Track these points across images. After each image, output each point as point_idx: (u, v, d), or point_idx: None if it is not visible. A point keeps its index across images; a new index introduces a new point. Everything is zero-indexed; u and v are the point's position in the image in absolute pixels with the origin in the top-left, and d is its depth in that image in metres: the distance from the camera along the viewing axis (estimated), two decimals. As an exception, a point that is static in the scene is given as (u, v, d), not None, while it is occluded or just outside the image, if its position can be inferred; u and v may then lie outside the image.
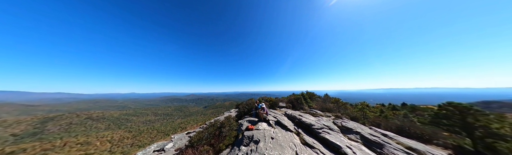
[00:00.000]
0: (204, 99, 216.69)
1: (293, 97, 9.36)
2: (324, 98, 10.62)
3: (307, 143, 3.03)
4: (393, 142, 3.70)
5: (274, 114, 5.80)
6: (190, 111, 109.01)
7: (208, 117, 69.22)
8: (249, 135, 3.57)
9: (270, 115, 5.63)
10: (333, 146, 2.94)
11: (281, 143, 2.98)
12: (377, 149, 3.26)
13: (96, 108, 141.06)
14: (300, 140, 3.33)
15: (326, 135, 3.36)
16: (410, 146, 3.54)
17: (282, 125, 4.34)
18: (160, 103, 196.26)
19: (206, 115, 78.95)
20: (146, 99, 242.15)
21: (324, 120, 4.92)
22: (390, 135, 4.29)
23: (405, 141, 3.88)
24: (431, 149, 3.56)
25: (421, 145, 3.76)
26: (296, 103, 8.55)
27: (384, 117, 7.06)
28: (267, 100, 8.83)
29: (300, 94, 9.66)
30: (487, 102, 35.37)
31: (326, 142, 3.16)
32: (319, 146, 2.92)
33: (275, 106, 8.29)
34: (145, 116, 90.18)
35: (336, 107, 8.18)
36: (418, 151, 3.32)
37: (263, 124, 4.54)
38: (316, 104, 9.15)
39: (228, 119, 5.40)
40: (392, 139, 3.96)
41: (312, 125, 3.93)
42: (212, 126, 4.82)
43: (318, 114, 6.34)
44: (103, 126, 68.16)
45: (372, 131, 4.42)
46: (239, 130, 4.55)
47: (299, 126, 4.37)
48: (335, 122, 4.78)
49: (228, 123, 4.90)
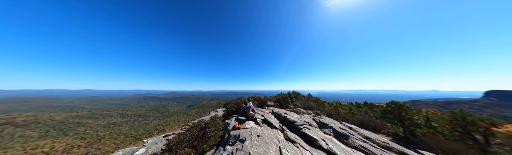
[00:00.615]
0: (188, 98, 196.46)
1: (281, 96, 9.94)
2: (307, 97, 11.80)
3: (289, 138, 3.33)
4: (355, 133, 4.59)
5: (262, 113, 6.00)
6: (170, 111, 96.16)
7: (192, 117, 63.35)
8: (236, 134, 3.56)
9: (258, 113, 5.78)
10: (311, 139, 3.36)
11: (267, 140, 3.14)
12: (344, 140, 3.96)
13: (24, 109, 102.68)
14: (284, 136, 3.60)
15: (306, 130, 3.78)
16: (366, 136, 4.49)
17: (268, 122, 4.56)
18: (130, 102, 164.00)
19: (190, 115, 72.05)
20: (109, 97, 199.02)
21: (305, 117, 5.50)
22: (354, 127, 5.27)
23: (363, 132, 4.86)
24: (379, 137, 4.67)
25: (374, 135, 4.84)
26: (283, 101, 9.14)
27: (351, 113, 8.60)
28: (256, 99, 8.98)
29: (287, 94, 10.38)
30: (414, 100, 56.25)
31: (305, 136, 3.57)
32: (299, 141, 3.27)
33: (264, 104, 8.56)
34: (108, 119, 72.69)
35: (316, 105, 9.26)
36: (371, 139, 4.27)
37: (251, 123, 4.62)
38: (300, 102, 10.06)
39: (214, 118, 5.18)
40: (355, 131, 4.88)
41: (295, 121, 4.32)
42: (196, 127, 4.50)
43: (301, 112, 7.01)
44: (37, 134, 49.84)
45: (342, 125, 5.28)
46: (226, 129, 4.46)
47: (284, 123, 4.71)
48: (314, 119, 5.43)
49: (213, 123, 4.69)
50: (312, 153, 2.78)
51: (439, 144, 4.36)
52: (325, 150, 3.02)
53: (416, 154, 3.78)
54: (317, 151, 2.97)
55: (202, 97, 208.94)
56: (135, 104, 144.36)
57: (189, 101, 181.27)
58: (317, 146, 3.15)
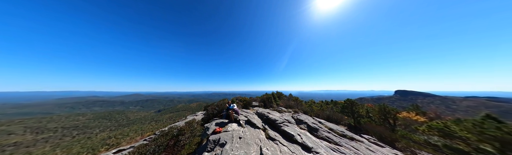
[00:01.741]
0: (158, 101, 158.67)
1: (265, 96, 10.32)
2: (288, 97, 12.97)
3: (270, 137, 3.46)
4: (323, 126, 5.49)
5: (246, 114, 5.91)
6: (130, 118, 73.56)
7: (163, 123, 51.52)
8: (215, 138, 3.25)
9: (242, 115, 5.64)
10: (289, 135, 3.67)
11: (248, 141, 3.09)
12: (315, 133, 4.63)
13: None
14: (265, 135, 3.70)
15: (285, 128, 4.09)
16: (330, 127, 5.50)
17: (251, 123, 4.54)
18: (56, 109, 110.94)
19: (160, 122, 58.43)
20: (14, 104, 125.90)
21: (286, 115, 5.97)
22: (323, 121, 6.31)
23: (328, 125, 5.91)
24: (339, 127, 5.86)
25: (335, 126, 6.01)
26: (267, 101, 9.51)
27: (321, 109, 10.31)
28: (241, 100, 8.77)
29: (271, 94, 10.94)
30: (361, 98, 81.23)
31: (284, 133, 3.85)
32: (279, 138, 3.48)
33: (249, 105, 8.50)
34: (4, 137, 43.77)
35: (295, 104, 10.34)
36: (334, 130, 5.27)
37: (233, 125, 4.41)
38: (283, 102, 10.88)
39: (191, 123, 4.50)
40: (323, 124, 5.83)
41: (276, 120, 4.57)
42: (165, 135, 3.70)
43: (282, 111, 7.55)
44: None
45: (314, 120, 6.17)
46: (204, 134, 3.98)
47: (266, 122, 4.86)
48: (293, 116, 6.02)
49: (189, 128, 4.05)
50: (289, 148, 3.02)
51: (372, 128, 6.09)
52: (299, 143, 3.38)
53: (360, 137, 5.08)
54: (293, 145, 3.27)
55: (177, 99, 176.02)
56: (68, 112, 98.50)
57: (160, 104, 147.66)
58: (293, 141, 3.47)
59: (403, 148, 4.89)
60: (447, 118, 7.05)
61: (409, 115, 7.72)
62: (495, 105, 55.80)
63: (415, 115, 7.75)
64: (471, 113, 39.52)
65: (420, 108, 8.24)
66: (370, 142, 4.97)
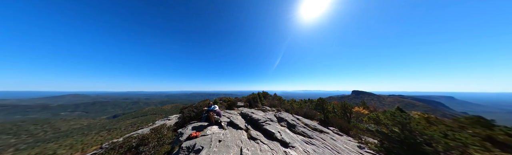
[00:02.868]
0: (113, 103, 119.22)
1: (251, 96, 10.42)
2: (273, 96, 13.73)
3: (252, 136, 3.52)
4: (300, 122, 6.21)
5: (229, 115, 5.72)
6: (61, 128, 51.59)
7: (121, 132, 38.94)
8: (190, 144, 2.92)
9: (225, 116, 5.40)
10: (270, 133, 3.88)
11: (229, 144, 3.00)
12: (293, 129, 5.16)
13: None
14: (247, 135, 3.72)
15: (266, 126, 4.30)
16: (306, 123, 6.30)
17: (234, 124, 4.44)
18: None
19: (116, 131, 44.24)
20: None
21: (269, 114, 6.28)
22: (300, 118, 7.12)
23: (305, 121, 6.75)
24: (313, 122, 6.82)
25: (310, 121, 6.95)
26: (253, 101, 9.64)
27: (300, 107, 11.62)
28: (225, 100, 8.38)
29: (257, 94, 11.20)
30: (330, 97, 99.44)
31: (266, 131, 4.04)
32: (260, 137, 3.61)
33: (234, 106, 8.27)
34: None
35: (279, 103, 11.09)
36: (308, 125, 6.07)
37: (214, 128, 4.13)
38: (268, 101, 11.37)
39: (158, 130, 3.80)
40: (300, 120, 6.59)
41: (259, 119, 4.72)
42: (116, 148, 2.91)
43: (267, 110, 7.89)
44: None
45: (293, 117, 6.86)
46: (177, 141, 3.48)
47: (249, 122, 4.91)
48: (275, 114, 6.43)
49: (155, 136, 3.41)
50: (269, 145, 3.20)
51: (336, 121, 7.52)
52: (279, 140, 3.65)
53: (327, 129, 6.15)
54: (273, 142, 3.49)
55: (144, 101, 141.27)
56: None
57: (116, 107, 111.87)
58: (273, 138, 3.71)
59: (354, 135, 6.39)
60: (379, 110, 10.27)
61: (359, 109, 10.49)
62: (402, 100, 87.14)
63: (362, 109, 10.68)
64: (391, 106, 58.23)
65: (366, 104, 11.59)
66: (334, 133, 6.11)
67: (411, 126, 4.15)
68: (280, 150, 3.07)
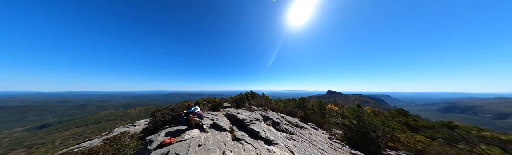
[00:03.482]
0: (42, 108, 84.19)
1: (239, 96, 10.26)
2: (261, 96, 14.08)
3: (236, 137, 3.48)
4: (284, 120, 6.69)
5: (213, 116, 5.39)
6: None
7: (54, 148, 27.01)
8: (161, 153, 2.54)
9: (208, 118, 5.05)
10: (255, 133, 3.97)
11: (210, 147, 2.82)
12: (277, 126, 5.48)
13: None
14: (231, 136, 3.64)
15: (252, 126, 4.36)
16: (289, 120, 6.85)
17: (218, 126, 4.23)
18: None
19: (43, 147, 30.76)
20: None
21: (255, 114, 6.40)
22: (284, 116, 7.66)
23: (288, 118, 7.32)
24: (294, 119, 7.50)
25: (293, 119, 7.60)
26: (240, 101, 9.51)
27: (285, 106, 12.52)
28: (209, 101, 7.82)
29: (245, 94, 11.17)
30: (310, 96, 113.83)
31: (251, 131, 4.10)
32: (245, 137, 3.62)
33: (219, 106, 7.85)
34: None
35: (266, 103, 11.48)
36: (291, 122, 6.62)
37: (194, 131, 3.78)
38: (256, 101, 11.53)
39: (116, 140, 3.07)
40: (284, 118, 7.10)
41: (244, 119, 4.73)
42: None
43: (254, 110, 7.99)
44: None
45: (278, 115, 7.29)
46: (143, 152, 2.93)
47: (235, 123, 4.82)
48: (261, 114, 6.63)
49: (110, 148, 2.73)
50: (253, 145, 3.26)
51: (314, 117, 8.61)
52: (263, 138, 3.79)
53: (306, 125, 6.93)
54: (257, 141, 3.59)
55: (99, 104, 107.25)
56: None
57: (49, 114, 79.72)
58: (258, 137, 3.81)
59: (326, 128, 7.54)
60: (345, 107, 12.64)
61: (331, 107, 12.50)
62: (360, 98, 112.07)
63: (334, 106, 12.81)
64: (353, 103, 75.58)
65: (336, 101, 14.08)
66: (311, 128, 6.95)
67: (363, 118, 5.38)
68: (263, 148, 3.20)
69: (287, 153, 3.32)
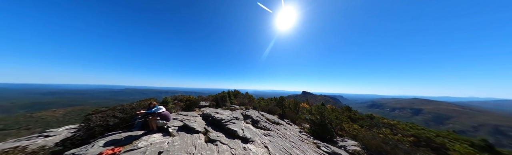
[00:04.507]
0: None
1: (220, 95, 9.61)
2: (245, 95, 13.99)
3: (211, 139, 3.19)
4: (264, 117, 7.00)
5: (184, 117, 4.67)
6: None
7: None
8: None
9: (177, 119, 4.30)
10: (232, 132, 3.84)
11: (176, 153, 2.39)
12: (256, 124, 5.63)
13: None
14: (205, 138, 3.30)
15: (230, 125, 4.20)
16: (268, 118, 7.26)
17: (188, 128, 3.70)
18: None
19: None
20: None
21: (236, 113, 6.23)
22: (264, 114, 8.04)
23: (268, 116, 7.75)
24: (273, 117, 8.06)
25: (272, 116, 8.14)
26: (221, 100, 8.93)
27: (267, 105, 13.22)
28: (182, 99, 6.70)
29: (227, 92, 10.65)
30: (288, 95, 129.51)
31: (229, 131, 3.93)
32: (221, 137, 3.41)
33: (194, 106, 6.92)
34: None
35: (249, 101, 11.54)
36: (270, 119, 7.05)
37: (153, 137, 3.07)
38: (238, 100, 11.28)
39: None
40: (264, 116, 7.44)
41: (222, 119, 4.46)
42: None
43: (235, 108, 7.77)
44: None
45: (259, 114, 7.53)
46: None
47: (211, 123, 4.44)
48: (242, 113, 6.57)
49: None
50: (229, 145, 3.13)
51: (289, 114, 9.68)
52: (241, 137, 3.74)
53: (283, 121, 7.65)
54: (234, 140, 3.49)
55: None
56: None
57: None
58: (235, 136, 3.72)
59: (298, 123, 8.73)
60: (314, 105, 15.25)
61: (304, 105, 14.68)
62: (325, 98, 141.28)
63: (306, 104, 15.13)
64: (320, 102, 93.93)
65: (308, 100, 16.70)
66: (287, 123, 7.76)
67: (324, 114, 6.73)
68: (239, 147, 3.15)
69: (263, 149, 3.47)
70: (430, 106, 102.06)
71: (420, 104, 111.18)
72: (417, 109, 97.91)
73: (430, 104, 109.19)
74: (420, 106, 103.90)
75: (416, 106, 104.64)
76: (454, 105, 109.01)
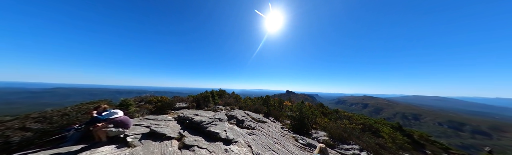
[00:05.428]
0: None
1: (201, 95, 8.72)
2: (231, 95, 13.43)
3: (186, 145, 2.78)
4: (249, 117, 6.98)
5: (152, 122, 3.87)
6: None
7: None
8: None
9: (141, 125, 3.48)
10: (213, 134, 3.55)
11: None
12: (241, 124, 5.51)
13: None
14: (179, 145, 2.84)
15: (211, 128, 3.87)
16: (253, 117, 7.31)
17: (157, 135, 3.07)
18: None
19: None
20: None
21: (219, 114, 5.84)
22: (250, 113, 8.03)
23: (253, 115, 7.80)
24: (258, 115, 8.19)
25: (258, 115, 8.25)
26: (203, 101, 8.10)
27: (254, 104, 13.33)
28: (151, 101, 5.50)
29: (210, 92, 9.83)
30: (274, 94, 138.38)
31: (209, 134, 3.60)
32: (199, 142, 3.05)
33: (168, 108, 5.86)
34: None
35: (235, 101, 11.16)
36: (255, 118, 7.11)
37: (99, 151, 2.30)
38: (223, 100, 10.65)
39: None
40: (249, 115, 7.42)
41: (202, 121, 4.04)
42: None
43: (219, 109, 7.26)
44: None
45: (244, 113, 7.43)
46: None
47: (188, 127, 3.91)
48: (227, 113, 6.25)
49: None
50: (208, 149, 2.85)
51: (274, 112, 10.20)
52: (223, 139, 3.52)
53: (267, 119, 7.95)
54: (215, 143, 3.23)
55: None
56: None
57: None
58: (217, 139, 3.45)
59: (281, 120, 9.35)
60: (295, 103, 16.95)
61: (287, 103, 15.96)
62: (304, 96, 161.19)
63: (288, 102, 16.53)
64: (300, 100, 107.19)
65: (291, 99, 18.32)
66: (271, 121, 8.11)
67: (303, 110, 7.58)
68: (220, 150, 2.95)
69: (246, 148, 3.42)
70: (372, 101, 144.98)
71: (367, 100, 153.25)
72: (365, 104, 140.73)
73: (372, 99, 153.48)
74: (367, 101, 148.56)
75: (364, 102, 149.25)
76: (385, 100, 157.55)
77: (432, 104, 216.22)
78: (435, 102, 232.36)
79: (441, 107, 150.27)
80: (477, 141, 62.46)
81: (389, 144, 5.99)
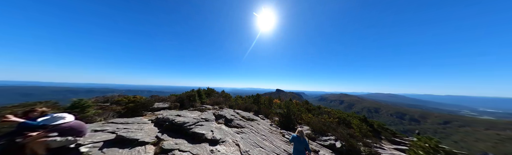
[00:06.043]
0: None
1: (186, 94, 7.96)
2: (220, 93, 12.86)
3: (164, 149, 2.46)
4: (238, 116, 6.88)
5: (120, 126, 3.25)
6: None
7: None
8: None
9: (104, 131, 2.85)
10: (198, 136, 3.30)
11: None
12: (229, 123, 5.36)
13: None
14: (155, 150, 2.49)
15: (196, 129, 3.58)
16: (243, 115, 7.26)
17: (125, 141, 2.59)
18: None
19: None
20: None
21: (206, 113, 5.49)
22: (239, 112, 7.93)
23: (243, 114, 7.73)
24: (248, 114, 8.21)
25: (248, 113, 8.23)
26: (187, 100, 7.41)
27: (244, 103, 13.24)
28: (120, 101, 4.58)
29: (196, 91, 9.12)
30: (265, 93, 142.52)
31: (194, 135, 3.33)
32: (181, 145, 2.75)
33: (144, 109, 5.05)
34: None
35: (224, 100, 10.77)
36: (245, 116, 7.07)
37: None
38: (212, 99, 10.08)
39: None
40: (239, 114, 7.33)
41: (185, 123, 3.69)
42: None
43: (206, 109, 6.82)
44: None
45: (234, 112, 7.27)
46: None
47: (168, 129, 3.49)
48: (214, 113, 5.95)
49: None
50: (191, 151, 2.62)
51: (264, 110, 10.45)
52: (209, 140, 3.33)
53: (257, 117, 8.06)
54: (200, 145, 3.01)
55: None
56: None
57: None
58: (202, 140, 3.23)
59: (270, 117, 9.70)
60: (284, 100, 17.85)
61: (276, 101, 16.62)
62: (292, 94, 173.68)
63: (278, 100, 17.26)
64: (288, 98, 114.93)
65: (280, 97, 19.21)
66: (261, 119, 8.27)
67: (290, 107, 8.07)
68: (205, 151, 2.77)
69: (233, 147, 3.35)
70: (347, 98, 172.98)
71: (343, 97, 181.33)
72: (341, 100, 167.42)
73: (347, 97, 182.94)
74: (343, 98, 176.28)
75: (341, 98, 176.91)
76: (356, 97, 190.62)
77: (387, 99, 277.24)
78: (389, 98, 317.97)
79: (393, 102, 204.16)
80: (412, 126, 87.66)
81: (357, 133, 7.37)
